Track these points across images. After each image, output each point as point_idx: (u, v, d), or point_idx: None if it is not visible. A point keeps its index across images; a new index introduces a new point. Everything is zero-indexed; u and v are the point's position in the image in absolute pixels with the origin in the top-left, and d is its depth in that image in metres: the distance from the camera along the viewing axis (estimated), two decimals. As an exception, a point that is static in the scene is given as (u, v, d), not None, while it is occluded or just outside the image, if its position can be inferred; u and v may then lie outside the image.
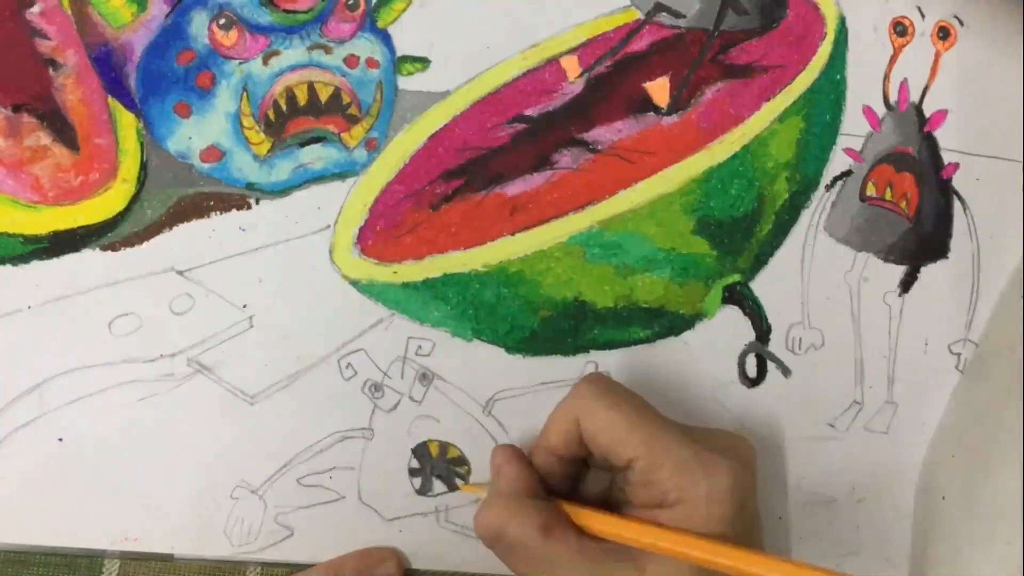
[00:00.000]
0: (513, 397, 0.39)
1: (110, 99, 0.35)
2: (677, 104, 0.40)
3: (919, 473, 0.42)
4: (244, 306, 0.37)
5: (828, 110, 0.41)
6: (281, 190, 0.37)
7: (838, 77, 0.41)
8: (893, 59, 0.42)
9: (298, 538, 0.37)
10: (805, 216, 0.41)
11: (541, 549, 0.32)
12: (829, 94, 0.41)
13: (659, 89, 0.40)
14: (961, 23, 0.43)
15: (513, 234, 0.39)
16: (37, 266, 0.35)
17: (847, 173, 0.42)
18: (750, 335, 0.41)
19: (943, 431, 0.42)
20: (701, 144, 0.40)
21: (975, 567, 0.38)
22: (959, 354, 0.43)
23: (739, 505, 0.31)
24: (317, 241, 0.37)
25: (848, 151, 0.42)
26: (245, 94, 0.36)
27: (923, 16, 0.42)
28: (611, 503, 0.35)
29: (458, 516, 0.39)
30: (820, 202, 0.41)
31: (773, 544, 0.41)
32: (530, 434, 0.39)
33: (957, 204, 0.43)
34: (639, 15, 0.39)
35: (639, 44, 0.39)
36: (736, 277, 0.41)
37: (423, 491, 0.38)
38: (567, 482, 0.36)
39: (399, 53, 0.38)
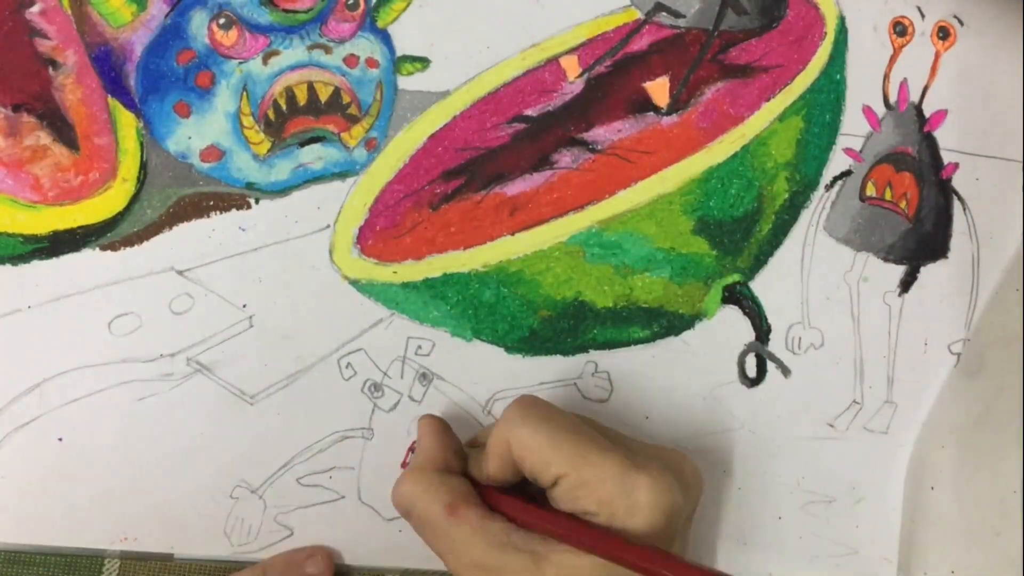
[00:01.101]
0: (513, 397, 0.39)
1: (110, 99, 0.35)
2: (677, 104, 0.40)
3: (908, 463, 0.42)
4: (244, 306, 0.37)
5: (828, 110, 0.41)
6: (281, 190, 0.37)
7: (838, 77, 0.41)
8: (893, 59, 0.42)
9: (298, 538, 0.37)
10: (805, 216, 0.41)
11: (444, 526, 0.32)
12: (829, 94, 0.41)
13: (659, 89, 0.40)
14: (961, 23, 0.43)
15: (513, 234, 0.39)
16: (37, 266, 0.35)
17: (847, 173, 0.42)
18: (750, 335, 0.41)
19: (934, 423, 0.42)
20: (701, 144, 0.40)
21: (963, 556, 0.38)
22: (959, 354, 0.43)
23: (663, 520, 0.31)
24: (317, 241, 0.37)
25: (848, 151, 0.42)
26: (245, 94, 0.36)
27: (923, 16, 0.42)
28: None
29: (458, 516, 0.39)
30: (820, 202, 0.41)
31: (773, 544, 0.41)
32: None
33: (957, 204, 0.43)
34: (639, 15, 0.39)
35: (639, 44, 0.39)
36: (736, 277, 0.41)
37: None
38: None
39: (399, 53, 0.38)
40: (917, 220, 0.42)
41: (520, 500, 0.33)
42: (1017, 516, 0.37)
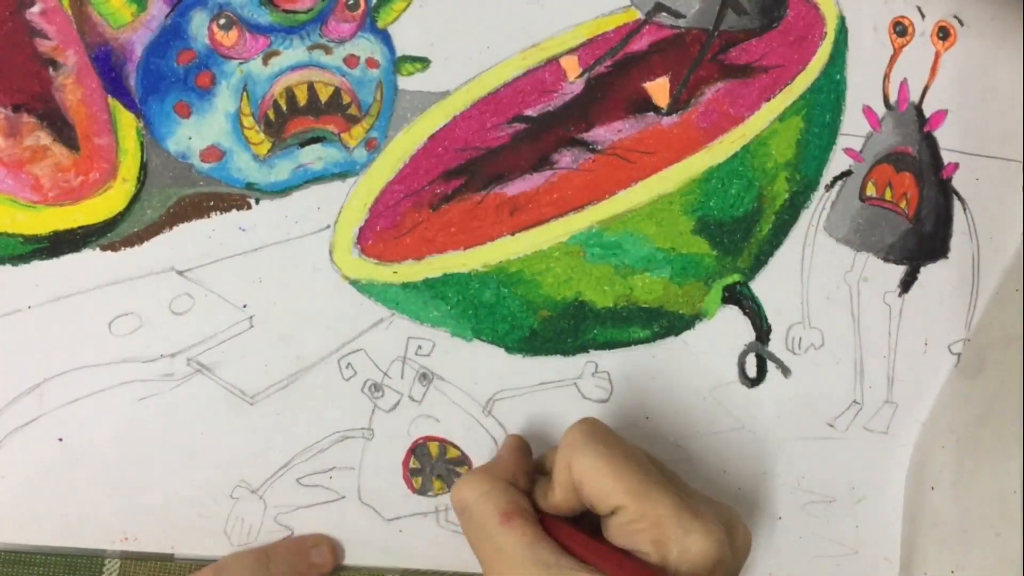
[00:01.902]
0: (513, 397, 0.39)
1: (110, 99, 0.35)
2: (677, 104, 0.40)
3: (908, 463, 0.42)
4: (244, 306, 0.37)
5: (828, 110, 0.41)
6: (281, 190, 0.37)
7: (838, 77, 0.41)
8: (893, 59, 0.42)
9: (298, 538, 0.37)
10: (805, 216, 0.41)
11: (495, 533, 0.32)
12: (829, 94, 0.41)
13: (659, 89, 0.40)
14: (961, 23, 0.43)
15: (513, 234, 0.39)
16: (37, 266, 0.35)
17: (847, 173, 0.42)
18: (750, 335, 0.41)
19: (934, 423, 0.42)
20: (701, 144, 0.40)
21: (963, 556, 0.38)
22: (959, 354, 0.43)
23: (709, 569, 0.31)
24: (317, 241, 0.37)
25: (848, 151, 0.42)
26: (245, 94, 0.36)
27: (923, 16, 0.42)
28: None
29: (458, 516, 0.39)
30: (820, 202, 0.41)
31: (773, 544, 0.41)
32: (530, 436, 0.39)
33: (957, 204, 0.43)
34: (639, 15, 0.39)
35: (639, 44, 0.39)
36: (736, 277, 0.41)
37: (423, 491, 0.38)
38: None
39: (399, 53, 0.38)
40: (917, 220, 0.42)
41: (575, 529, 0.33)
42: (1017, 516, 0.37)
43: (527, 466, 0.35)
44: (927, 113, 0.42)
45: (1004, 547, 0.38)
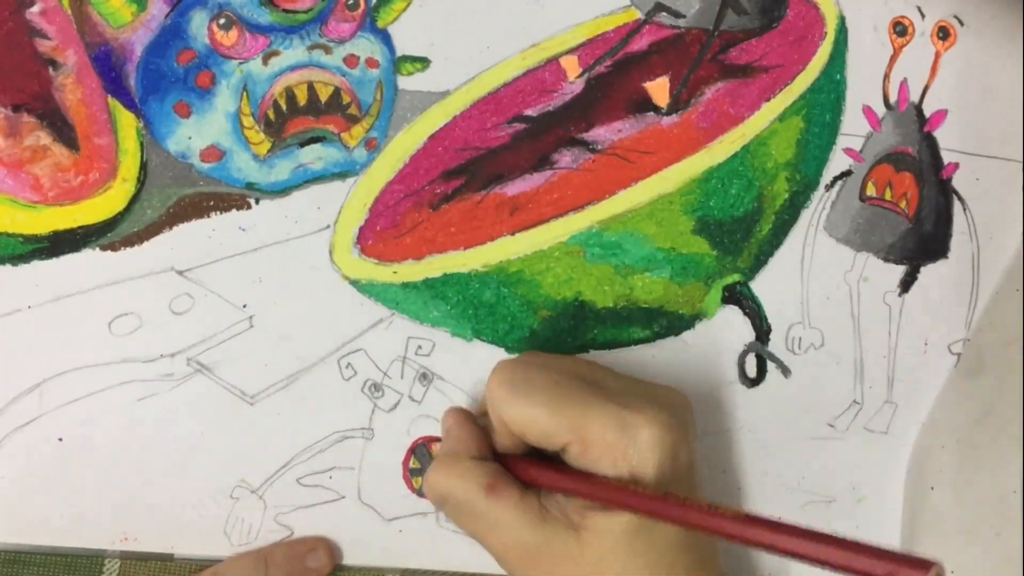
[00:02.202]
0: (513, 397, 0.39)
1: (110, 99, 0.35)
2: (677, 104, 0.40)
3: (908, 463, 0.42)
4: (244, 306, 0.37)
5: (828, 110, 0.41)
6: (281, 190, 0.37)
7: (838, 77, 0.41)
8: (893, 59, 0.42)
9: (298, 538, 0.37)
10: (805, 216, 0.41)
11: (484, 508, 0.32)
12: (829, 94, 0.41)
13: (659, 89, 0.40)
14: (961, 23, 0.43)
15: (513, 234, 0.39)
16: (37, 266, 0.35)
17: (847, 173, 0.42)
18: (750, 335, 0.41)
19: (934, 423, 0.42)
20: (701, 144, 0.40)
21: (963, 556, 0.38)
22: (959, 354, 0.43)
23: (669, 455, 0.31)
24: (317, 241, 0.37)
25: (848, 151, 0.42)
26: (245, 94, 0.36)
27: (923, 16, 0.42)
28: None
29: (458, 516, 0.39)
30: (820, 202, 0.41)
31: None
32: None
33: (957, 204, 0.43)
34: (639, 15, 0.39)
35: (639, 44, 0.39)
36: (736, 277, 0.41)
37: (423, 491, 0.38)
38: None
39: (399, 53, 0.38)
40: (917, 220, 0.42)
41: (545, 466, 0.33)
42: (1017, 516, 0.37)
43: (479, 433, 0.35)
44: (927, 113, 0.42)
45: (1004, 547, 0.38)
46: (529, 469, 0.33)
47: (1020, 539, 0.37)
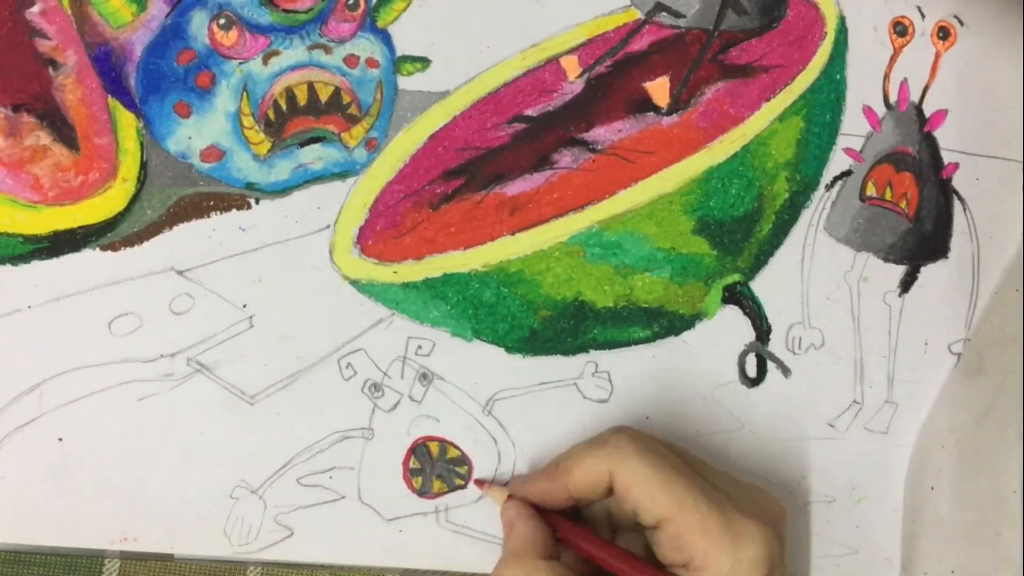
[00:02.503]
0: (513, 397, 0.39)
1: (110, 99, 0.35)
2: (677, 104, 0.40)
3: (908, 463, 0.42)
4: (244, 306, 0.37)
5: (828, 110, 0.41)
6: (281, 190, 0.37)
7: (838, 77, 0.41)
8: (893, 59, 0.42)
9: (298, 538, 0.37)
10: (805, 216, 0.41)
11: None
12: (829, 94, 0.41)
13: (659, 89, 0.40)
14: (961, 23, 0.43)
15: (513, 234, 0.39)
16: (37, 266, 0.35)
17: (847, 173, 0.42)
18: (750, 335, 0.41)
19: (934, 423, 0.42)
20: (701, 144, 0.40)
21: (963, 556, 0.38)
22: (959, 354, 0.43)
23: (766, 571, 0.31)
24: (317, 241, 0.37)
25: (848, 151, 0.42)
26: (245, 94, 0.36)
27: (923, 16, 0.42)
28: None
29: (458, 516, 0.39)
30: (820, 202, 0.41)
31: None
32: (530, 435, 0.39)
33: (957, 204, 0.43)
34: (639, 15, 0.39)
35: (639, 44, 0.39)
36: (736, 277, 0.41)
37: (423, 491, 0.38)
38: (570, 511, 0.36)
39: (399, 53, 0.38)
40: (917, 220, 0.42)
41: (601, 540, 0.33)
42: (1017, 516, 0.37)
43: (545, 530, 0.35)
44: (927, 113, 0.42)
45: (1004, 547, 0.38)
46: (597, 549, 0.33)
47: (1020, 539, 0.37)
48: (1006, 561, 0.37)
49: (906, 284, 0.42)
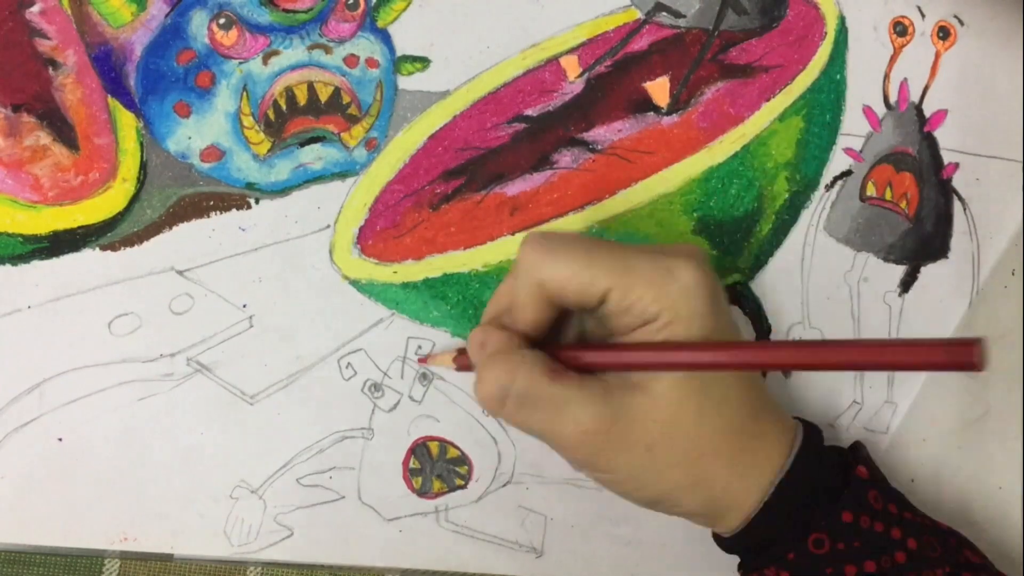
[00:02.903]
0: (513, 397, 0.39)
1: (110, 99, 0.35)
2: (677, 104, 0.40)
3: (908, 462, 0.42)
4: (244, 306, 0.37)
5: (828, 110, 0.41)
6: (281, 190, 0.37)
7: (838, 77, 0.41)
8: (893, 59, 0.42)
9: (298, 538, 0.37)
10: (805, 216, 0.41)
11: (551, 393, 0.31)
12: (829, 94, 0.41)
13: (659, 89, 0.40)
14: (961, 23, 0.43)
15: (513, 234, 0.39)
16: (37, 266, 0.35)
17: (847, 173, 0.42)
18: (750, 335, 0.41)
19: (915, 415, 0.42)
20: (701, 144, 0.40)
21: None
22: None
23: (710, 295, 0.31)
24: (317, 241, 0.37)
25: (848, 151, 0.42)
26: (245, 94, 0.36)
27: (923, 16, 0.42)
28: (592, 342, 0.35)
29: (458, 516, 0.39)
30: (820, 202, 0.41)
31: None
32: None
33: (957, 204, 0.43)
34: (639, 15, 0.39)
35: (639, 44, 0.39)
36: (736, 277, 0.41)
37: (423, 491, 0.38)
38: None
39: (399, 53, 0.38)
40: (917, 220, 0.42)
41: (586, 346, 0.33)
42: (1017, 515, 0.37)
43: (514, 333, 0.34)
44: (927, 113, 0.42)
45: (1004, 547, 0.38)
46: (570, 354, 0.33)
47: (1020, 539, 0.37)
48: (1005, 560, 0.37)
49: (906, 284, 0.42)
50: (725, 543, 0.34)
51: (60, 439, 0.36)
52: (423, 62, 0.38)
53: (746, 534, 0.33)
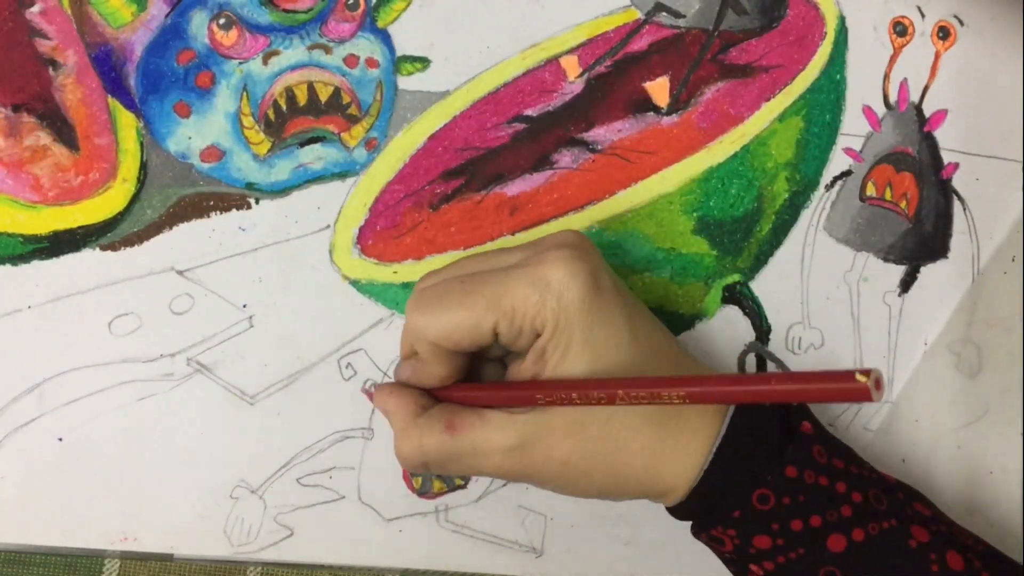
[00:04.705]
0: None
1: (110, 99, 0.35)
2: (677, 104, 0.40)
3: (874, 436, 0.42)
4: (244, 306, 0.37)
5: (828, 110, 0.41)
6: (281, 190, 0.37)
7: (838, 77, 0.41)
8: (893, 59, 0.42)
9: (298, 538, 0.37)
10: (805, 216, 0.41)
11: (457, 445, 0.32)
12: (829, 94, 0.41)
13: (659, 89, 0.40)
14: (961, 23, 0.43)
15: (513, 234, 0.39)
16: (37, 266, 0.35)
17: (847, 173, 0.42)
18: (750, 335, 0.41)
19: (908, 397, 0.42)
20: (701, 144, 0.40)
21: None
22: (959, 354, 0.43)
23: (587, 283, 0.31)
24: (317, 241, 0.37)
25: (848, 151, 0.42)
26: (245, 94, 0.36)
27: (923, 16, 0.42)
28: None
29: (458, 516, 0.39)
30: (820, 202, 0.41)
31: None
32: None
33: (957, 204, 0.43)
34: (639, 15, 0.39)
35: (639, 44, 0.39)
36: (736, 277, 0.41)
37: (423, 491, 0.38)
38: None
39: (399, 53, 0.38)
40: (917, 220, 0.42)
41: (478, 386, 0.34)
42: (1017, 515, 0.37)
43: (414, 391, 0.34)
44: (927, 113, 0.42)
45: (980, 526, 0.38)
46: (468, 393, 0.34)
47: (999, 517, 0.37)
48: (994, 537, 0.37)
49: (906, 284, 0.42)
50: (673, 513, 0.35)
51: (60, 439, 0.36)
52: (423, 62, 0.38)
53: (688, 504, 0.33)
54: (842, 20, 0.41)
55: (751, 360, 0.41)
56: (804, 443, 0.33)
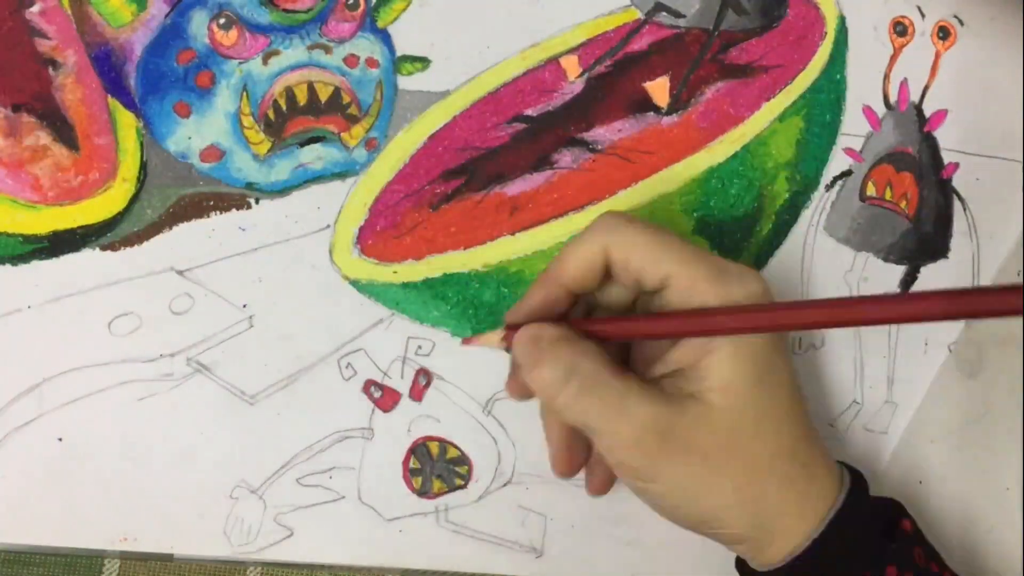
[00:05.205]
0: (513, 397, 0.39)
1: (110, 99, 0.35)
2: (677, 104, 0.40)
3: (892, 455, 0.42)
4: (244, 306, 0.37)
5: (828, 110, 0.41)
6: (281, 190, 0.37)
7: (838, 77, 0.41)
8: (893, 59, 0.42)
9: (298, 538, 0.37)
10: (805, 216, 0.41)
11: (613, 383, 0.30)
12: (829, 94, 0.41)
13: (659, 89, 0.40)
14: (961, 23, 0.43)
15: (513, 234, 0.39)
16: (37, 266, 0.35)
17: (847, 173, 0.42)
18: (750, 335, 0.41)
19: (923, 417, 0.42)
20: (701, 144, 0.40)
21: (964, 555, 0.38)
22: (959, 354, 0.43)
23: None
24: (317, 241, 0.37)
25: (848, 151, 0.42)
26: (245, 94, 0.36)
27: (923, 16, 0.42)
28: None
29: (458, 516, 0.39)
30: (820, 202, 0.41)
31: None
32: (530, 435, 0.39)
33: (957, 204, 0.43)
34: (639, 15, 0.39)
35: (639, 44, 0.39)
36: (736, 277, 0.41)
37: (423, 491, 0.38)
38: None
39: (399, 53, 0.38)
40: (917, 220, 0.42)
41: (631, 317, 0.33)
42: (1017, 515, 0.37)
43: (566, 326, 0.33)
44: (927, 113, 0.42)
45: (1003, 546, 0.38)
46: (617, 325, 0.33)
47: (1020, 538, 0.37)
48: (1005, 560, 0.37)
49: (906, 284, 0.42)
50: (745, 567, 0.33)
51: (60, 439, 0.36)
52: (423, 62, 0.38)
53: (790, 569, 0.31)
54: (842, 20, 0.41)
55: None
56: (906, 542, 0.32)
